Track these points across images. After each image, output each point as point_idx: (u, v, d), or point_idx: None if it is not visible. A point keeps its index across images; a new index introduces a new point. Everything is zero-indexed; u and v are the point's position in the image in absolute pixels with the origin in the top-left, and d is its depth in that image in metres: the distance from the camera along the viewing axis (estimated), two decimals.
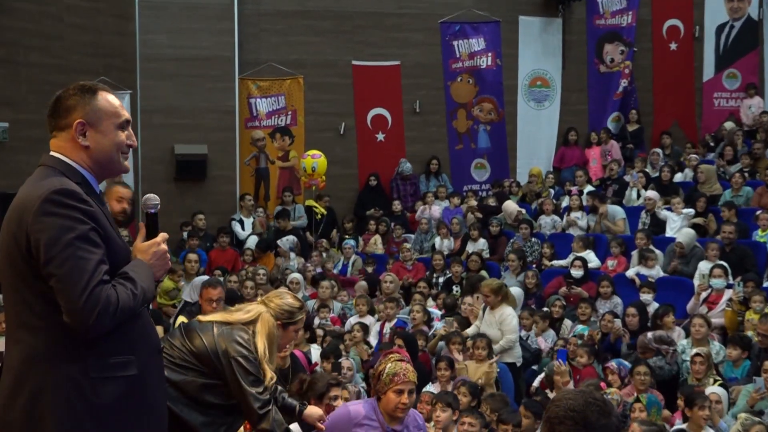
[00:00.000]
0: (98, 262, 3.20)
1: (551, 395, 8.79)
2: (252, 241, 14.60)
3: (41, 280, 3.20)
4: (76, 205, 3.21)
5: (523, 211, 14.84)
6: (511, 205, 14.91)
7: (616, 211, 13.99)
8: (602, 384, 8.59)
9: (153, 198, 3.69)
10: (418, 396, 8.22)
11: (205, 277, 9.94)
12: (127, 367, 3.32)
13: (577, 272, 12.05)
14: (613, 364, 8.92)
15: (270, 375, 4.82)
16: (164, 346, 4.71)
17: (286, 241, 14.53)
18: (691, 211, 13.23)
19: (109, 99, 3.49)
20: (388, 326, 11.05)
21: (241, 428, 5.85)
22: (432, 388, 8.87)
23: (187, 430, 4.67)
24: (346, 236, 15.37)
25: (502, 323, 10.05)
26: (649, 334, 9.51)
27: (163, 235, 3.56)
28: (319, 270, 13.91)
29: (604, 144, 16.78)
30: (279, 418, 4.85)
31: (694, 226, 12.93)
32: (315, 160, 15.11)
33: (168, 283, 12.12)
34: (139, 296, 3.30)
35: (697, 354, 8.79)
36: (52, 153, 3.44)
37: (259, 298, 5.24)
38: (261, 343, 4.82)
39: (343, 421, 5.28)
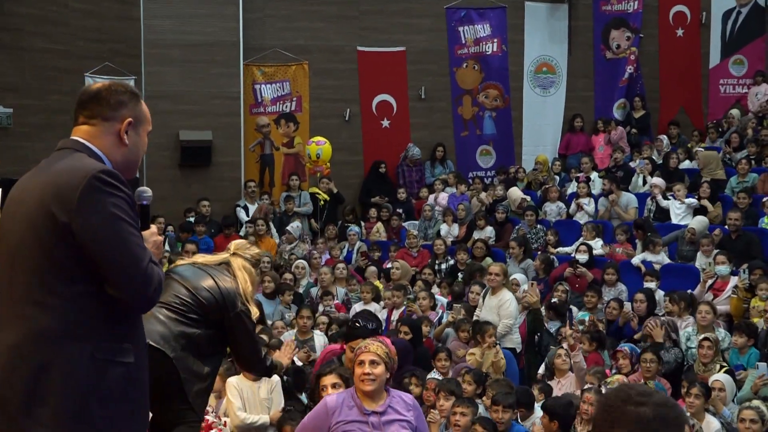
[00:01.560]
0: (143, 241, 3.35)
1: (553, 384, 8.78)
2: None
3: (71, 260, 3.23)
4: (120, 187, 3.28)
5: (528, 198, 14.83)
6: (515, 192, 14.91)
7: (630, 199, 13.93)
8: (607, 371, 8.58)
9: (147, 190, 3.73)
10: (423, 383, 8.21)
11: None
12: (127, 354, 3.36)
13: (582, 257, 12.04)
14: (625, 348, 8.89)
15: (255, 311, 5.27)
16: (170, 299, 4.93)
17: (297, 228, 14.53)
18: (694, 201, 13.18)
19: (146, 108, 3.64)
20: (396, 313, 11.03)
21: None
22: (437, 375, 8.84)
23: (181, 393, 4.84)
24: (348, 224, 15.33)
25: (501, 308, 10.16)
26: (663, 318, 9.55)
27: (154, 226, 3.67)
28: (326, 256, 13.92)
29: (613, 131, 16.67)
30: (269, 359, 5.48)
31: (698, 211, 12.93)
32: (320, 147, 15.07)
33: None
34: (163, 277, 3.45)
35: (705, 338, 8.77)
36: (76, 138, 3.45)
37: (227, 252, 5.45)
38: (249, 286, 5.19)
39: (320, 413, 5.23)
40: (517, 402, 7.38)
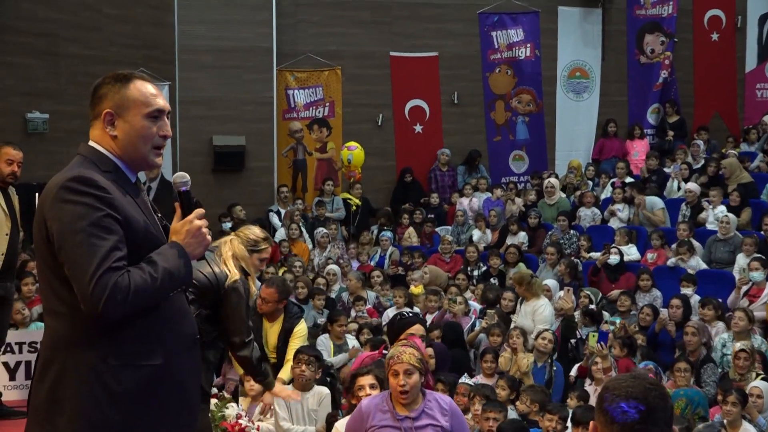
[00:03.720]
0: (110, 248, 3.17)
1: (588, 387, 8.70)
2: (281, 234, 14.58)
3: (63, 267, 3.23)
4: (90, 192, 3.20)
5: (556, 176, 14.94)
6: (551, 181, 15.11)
7: (655, 201, 13.85)
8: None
9: (182, 176, 3.56)
10: (454, 388, 8.17)
11: None
12: (150, 356, 3.31)
13: (613, 258, 12.03)
14: (650, 365, 8.81)
15: (254, 289, 5.77)
16: None
17: (324, 234, 14.56)
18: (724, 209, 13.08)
19: (141, 88, 3.45)
20: (429, 318, 11.02)
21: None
22: (468, 380, 8.81)
23: None
24: (384, 228, 15.32)
25: (535, 313, 10.29)
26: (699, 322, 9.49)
27: (197, 211, 3.45)
28: (356, 262, 13.91)
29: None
30: (257, 348, 5.72)
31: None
32: (351, 152, 15.12)
33: None
34: (161, 278, 3.24)
35: (742, 350, 8.66)
36: (89, 142, 3.47)
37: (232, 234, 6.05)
38: (231, 259, 5.63)
39: (357, 417, 5.23)
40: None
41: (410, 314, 6.26)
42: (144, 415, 3.29)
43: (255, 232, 5.90)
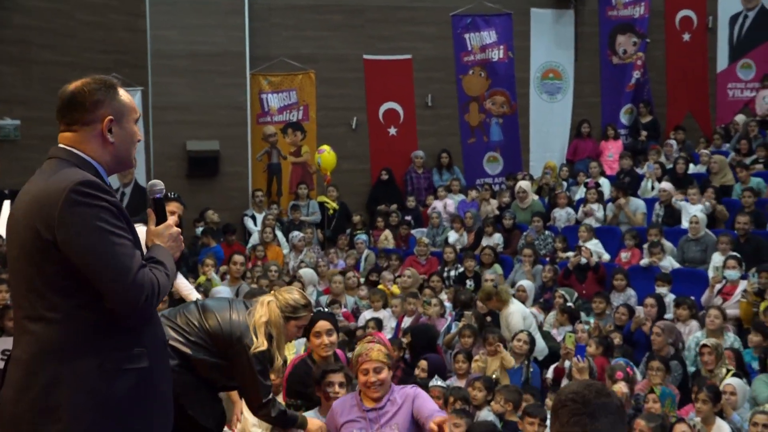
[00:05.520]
0: (133, 248, 3.26)
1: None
2: (256, 239, 14.56)
3: (62, 274, 3.20)
4: (102, 196, 3.21)
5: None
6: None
7: (638, 204, 13.87)
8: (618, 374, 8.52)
9: (157, 183, 3.65)
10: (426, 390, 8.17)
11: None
12: (139, 360, 3.32)
13: (585, 258, 12.09)
14: (621, 362, 8.84)
15: (279, 361, 5.16)
16: (179, 320, 4.99)
17: (301, 238, 14.54)
18: (706, 204, 13.13)
19: (127, 94, 3.52)
20: (407, 321, 11.02)
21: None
22: (440, 382, 8.77)
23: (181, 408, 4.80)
24: (357, 231, 15.31)
25: (507, 320, 10.30)
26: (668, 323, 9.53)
27: (172, 218, 3.59)
28: (338, 265, 13.91)
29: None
30: (281, 406, 5.21)
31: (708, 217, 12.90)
32: (319, 155, 15.12)
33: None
34: (171, 278, 3.40)
35: (704, 345, 8.70)
36: (63, 146, 3.40)
37: (272, 291, 5.48)
38: (263, 327, 5.09)
39: (330, 417, 5.40)
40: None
41: (319, 310, 6.24)
42: (136, 420, 3.30)
43: (295, 297, 5.33)
